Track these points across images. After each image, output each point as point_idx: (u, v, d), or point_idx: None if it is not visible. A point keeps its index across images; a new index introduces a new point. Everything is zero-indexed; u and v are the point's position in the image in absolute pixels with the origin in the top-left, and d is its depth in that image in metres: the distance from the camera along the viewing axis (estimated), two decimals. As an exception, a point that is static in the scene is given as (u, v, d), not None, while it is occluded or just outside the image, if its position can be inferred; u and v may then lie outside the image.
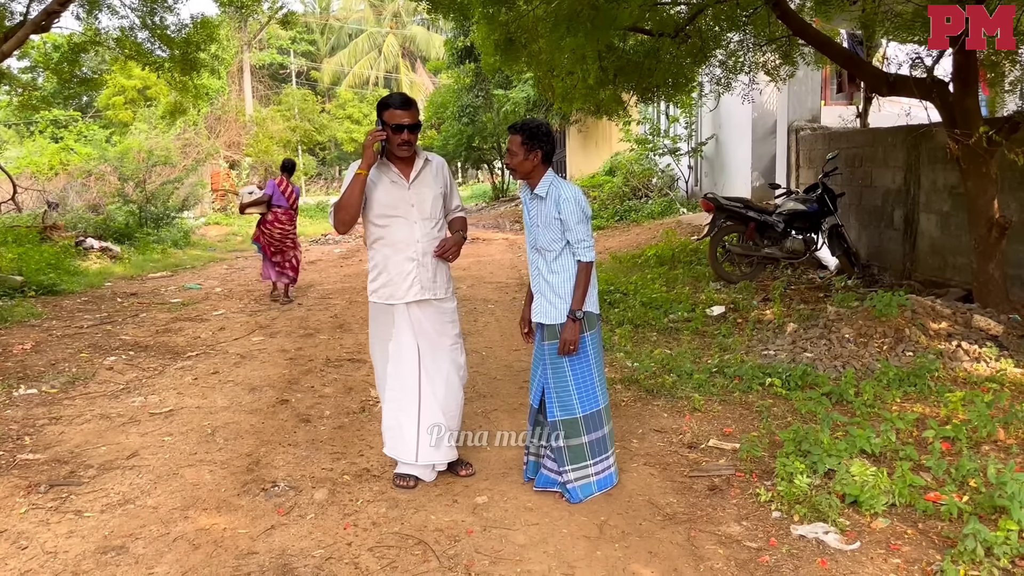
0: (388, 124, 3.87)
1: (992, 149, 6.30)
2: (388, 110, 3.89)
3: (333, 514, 3.87)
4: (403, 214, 3.96)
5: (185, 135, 23.03)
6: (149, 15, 10.76)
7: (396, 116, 3.88)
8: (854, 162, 9.91)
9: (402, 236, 3.97)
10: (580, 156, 24.79)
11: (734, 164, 15.15)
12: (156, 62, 11.48)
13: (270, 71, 40.83)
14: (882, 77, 7.54)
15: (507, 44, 8.59)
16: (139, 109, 24.42)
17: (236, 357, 7.12)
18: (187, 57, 11.26)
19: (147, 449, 4.81)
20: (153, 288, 11.28)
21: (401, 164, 4.00)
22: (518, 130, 3.85)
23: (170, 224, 17.10)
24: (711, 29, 8.41)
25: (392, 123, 3.87)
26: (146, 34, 11.03)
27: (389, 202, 3.95)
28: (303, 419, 5.35)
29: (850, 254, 9.16)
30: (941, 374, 5.50)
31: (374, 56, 43.72)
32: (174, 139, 21.78)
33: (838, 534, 3.44)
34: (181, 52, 11.15)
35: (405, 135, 3.88)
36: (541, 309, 3.91)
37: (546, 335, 3.90)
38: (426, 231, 4.01)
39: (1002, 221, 6.55)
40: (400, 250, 3.98)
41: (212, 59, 14.04)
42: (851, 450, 4.14)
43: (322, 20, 46.86)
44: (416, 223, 3.98)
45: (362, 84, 43.28)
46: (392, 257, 3.99)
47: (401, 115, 3.88)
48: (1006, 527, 3.20)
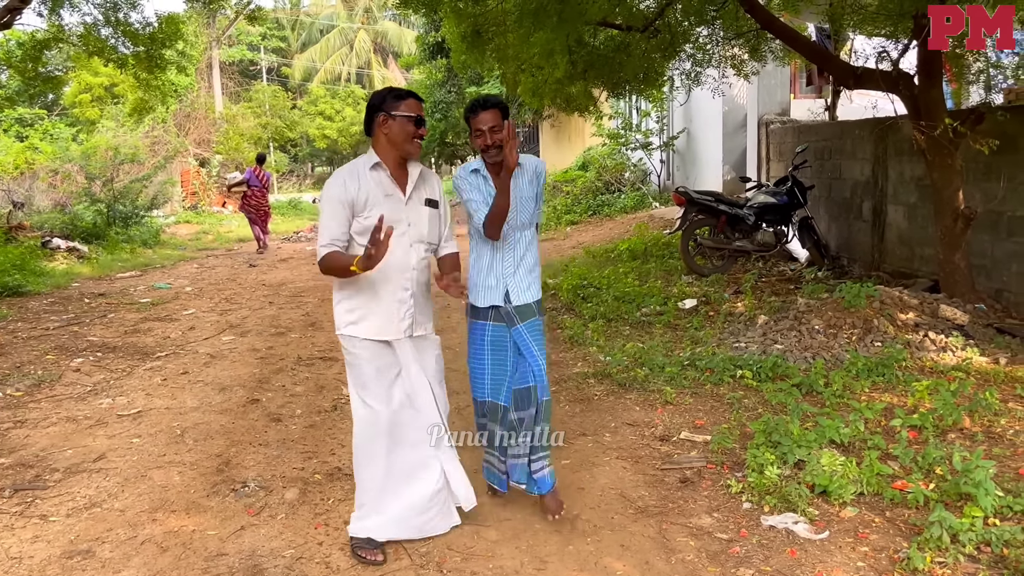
0: (404, 116, 3.22)
1: (957, 141, 6.38)
2: (407, 100, 3.24)
3: (304, 514, 3.84)
4: (398, 234, 3.24)
5: (153, 132, 22.73)
6: (113, 11, 10.58)
7: (415, 107, 3.26)
8: (823, 155, 10.00)
9: (397, 261, 3.25)
10: (553, 151, 24.80)
11: (705, 158, 15.23)
12: (121, 59, 11.31)
13: (240, 67, 40.44)
14: (849, 70, 7.61)
15: (474, 37, 8.56)
16: (106, 107, 24.06)
17: (206, 357, 7.04)
18: (152, 54, 11.10)
19: (115, 451, 4.74)
20: (122, 288, 11.12)
21: (397, 171, 3.32)
22: (494, 104, 3.49)
23: (139, 223, 16.85)
24: (680, 23, 8.44)
25: (413, 114, 3.24)
26: (110, 30, 10.86)
27: (388, 219, 3.12)
28: (274, 418, 5.30)
29: (820, 246, 9.24)
30: (908, 364, 5.57)
31: (346, 52, 43.46)
32: (142, 136, 21.49)
33: (807, 524, 3.47)
34: (146, 49, 10.99)
35: (423, 130, 3.29)
36: (522, 289, 3.63)
37: (522, 316, 3.63)
38: (421, 257, 3.38)
39: (967, 212, 6.64)
40: (391, 279, 3.28)
41: (179, 56, 13.86)
42: (820, 440, 4.18)
43: (293, 15, 46.48)
44: (413, 247, 3.32)
45: (334, 80, 43.00)
46: (382, 287, 3.28)
47: (420, 107, 3.28)
48: (971, 514, 3.24)
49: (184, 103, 26.35)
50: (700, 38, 9.00)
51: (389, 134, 3.24)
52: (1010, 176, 6.74)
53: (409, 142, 3.25)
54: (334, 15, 45.00)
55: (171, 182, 21.28)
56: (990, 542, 3.12)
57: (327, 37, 43.88)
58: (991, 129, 6.37)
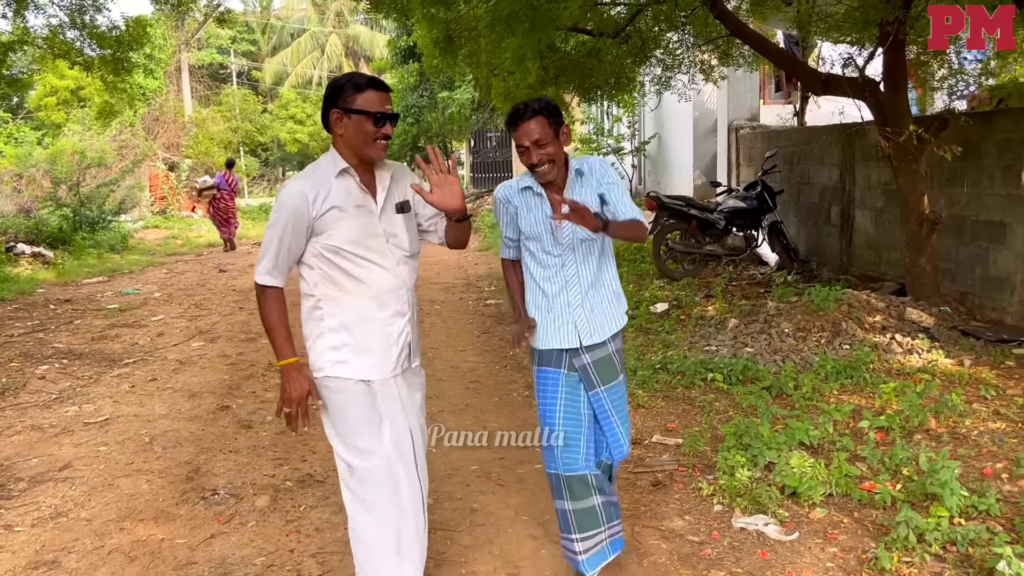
0: (361, 112, 2.61)
1: (922, 147, 6.49)
2: (364, 92, 2.62)
3: (275, 521, 3.81)
4: (380, 252, 2.72)
5: (121, 136, 22.43)
6: (79, 13, 10.44)
7: (376, 101, 2.63)
8: (792, 160, 10.12)
9: (387, 283, 2.73)
10: (525, 155, 24.84)
11: (676, 163, 15.33)
12: (86, 61, 11.15)
13: (210, 71, 40.03)
14: (816, 76, 7.71)
15: (446, 42, 8.57)
16: (72, 110, 23.70)
17: (175, 363, 6.96)
18: (119, 57, 10.97)
19: (81, 460, 4.67)
20: (88, 294, 10.96)
21: (365, 176, 2.73)
22: (537, 110, 2.84)
23: (106, 228, 16.61)
24: (651, 29, 8.51)
25: (372, 110, 2.62)
26: (76, 32, 10.71)
27: (361, 233, 2.68)
28: (244, 425, 5.25)
29: (789, 250, 9.35)
30: (876, 366, 5.64)
31: (317, 55, 43.20)
32: (110, 140, 21.19)
33: (778, 525, 3.51)
34: (113, 51, 10.85)
35: (388, 128, 2.68)
36: (600, 321, 3.02)
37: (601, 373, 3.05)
38: (410, 274, 2.84)
39: (932, 217, 6.75)
40: (388, 303, 2.74)
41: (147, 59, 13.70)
42: (790, 442, 4.22)
43: (263, 19, 46.13)
44: (399, 265, 2.77)
45: (305, 84, 42.72)
46: (374, 313, 2.72)
47: (384, 100, 2.66)
48: (937, 513, 3.29)
49: (153, 107, 26.04)
50: (670, 44, 9.08)
51: (345, 135, 2.65)
52: (973, 181, 6.87)
53: (369, 144, 2.65)
54: (305, 19, 44.71)
55: (139, 186, 21.01)
56: (956, 541, 3.17)
57: (298, 41, 43.59)
58: (955, 135, 6.49)
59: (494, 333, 7.81)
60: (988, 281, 6.76)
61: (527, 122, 2.83)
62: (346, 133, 2.64)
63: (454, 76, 16.18)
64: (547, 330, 3.02)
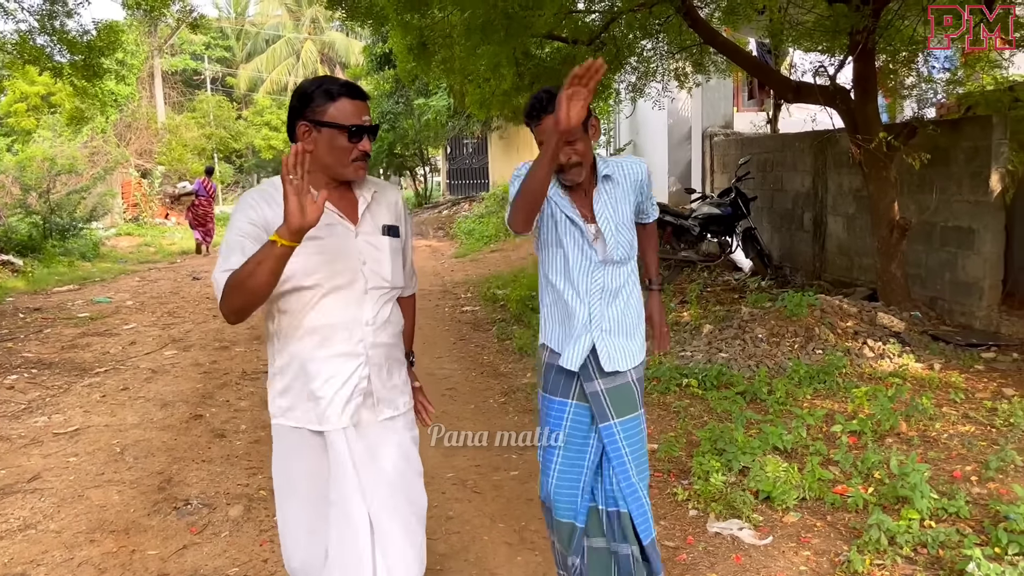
0: (334, 125, 2.17)
1: (891, 154, 6.59)
2: (337, 101, 2.17)
3: (249, 531, 3.77)
4: (347, 280, 2.24)
5: (93, 143, 22.17)
6: (49, 18, 10.32)
7: (352, 112, 2.19)
8: (765, 167, 10.22)
9: (341, 316, 2.24)
10: (502, 162, 24.86)
11: (651, 169, 15.36)
12: (57, 67, 11.03)
13: (183, 77, 39.72)
14: (788, 84, 7.81)
15: (421, 49, 8.58)
16: (43, 116, 23.41)
17: (148, 372, 6.88)
18: (90, 62, 10.85)
19: (50, 471, 4.60)
20: (59, 302, 10.80)
21: (341, 192, 2.29)
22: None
23: (77, 235, 16.40)
24: (625, 37, 8.57)
25: (346, 123, 2.17)
26: (47, 38, 10.59)
27: (323, 259, 2.20)
28: (218, 434, 5.20)
29: (763, 256, 9.43)
30: (848, 371, 5.71)
31: (292, 62, 43.00)
32: (81, 147, 20.95)
33: (752, 530, 3.53)
34: (84, 57, 10.73)
35: (367, 143, 2.23)
36: (617, 347, 2.62)
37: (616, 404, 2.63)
38: (378, 308, 2.31)
39: (902, 223, 6.84)
40: (334, 340, 2.24)
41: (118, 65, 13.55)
42: (764, 447, 4.25)
43: (237, 25, 45.86)
44: (367, 295, 2.27)
45: (280, 90, 42.46)
46: (318, 352, 2.24)
47: (360, 110, 2.21)
48: (908, 516, 3.34)
49: (125, 113, 25.77)
50: (645, 51, 9.15)
51: (316, 152, 2.17)
52: (942, 188, 6.98)
53: (344, 164, 2.21)
54: (280, 25, 44.53)
55: (111, 194, 20.76)
56: (926, 544, 3.20)
57: (273, 47, 43.38)
58: (924, 143, 6.60)
59: (470, 340, 7.80)
60: (957, 286, 6.87)
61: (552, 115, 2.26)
62: (316, 150, 2.18)
63: (429, 83, 16.17)
64: (561, 342, 2.65)
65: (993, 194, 6.48)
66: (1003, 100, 6.51)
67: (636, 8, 7.68)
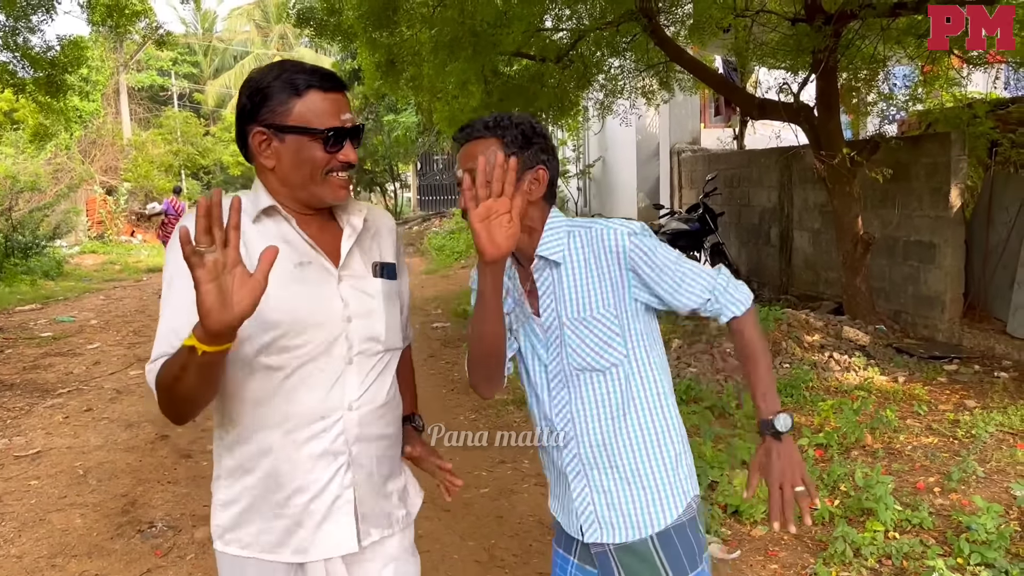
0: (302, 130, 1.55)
1: (855, 169, 6.70)
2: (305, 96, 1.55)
3: (214, 553, 3.71)
4: (322, 345, 1.58)
5: (56, 159, 21.87)
6: (11, 35, 10.20)
7: (326, 109, 1.57)
8: (732, 182, 10.34)
9: (312, 400, 1.59)
10: (472, 178, 24.94)
11: (620, 185, 15.55)
12: (19, 83, 10.88)
13: (150, 93, 39.39)
14: (753, 101, 7.92)
15: (389, 66, 8.59)
16: (4, 132, 23.06)
17: (112, 392, 6.77)
18: (54, 79, 10.72)
19: (11, 495, 4.51)
20: (21, 322, 10.61)
21: (318, 221, 1.66)
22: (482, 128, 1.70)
23: (40, 253, 16.14)
24: (593, 55, 8.65)
25: (320, 126, 1.55)
26: (9, 54, 10.45)
27: (289, 318, 1.55)
28: (184, 455, 5.13)
29: (731, 270, 9.51)
30: (815, 384, 5.77)
31: (260, 78, 42.84)
32: (44, 164, 20.65)
33: (720, 544, 3.55)
34: (47, 73, 10.60)
35: (349, 151, 1.60)
36: (620, 506, 1.75)
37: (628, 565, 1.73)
38: (368, 383, 1.65)
39: (866, 237, 6.96)
40: (301, 434, 1.58)
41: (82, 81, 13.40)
42: (732, 461, 4.28)
43: (205, 41, 45.62)
44: (351, 365, 1.62)
45: (248, 107, 42.32)
46: (279, 450, 1.58)
47: (339, 105, 1.59)
48: (872, 528, 3.38)
49: (90, 129, 25.47)
50: (612, 69, 9.24)
51: (278, 167, 1.58)
52: (904, 203, 7.11)
53: (318, 180, 1.58)
54: (248, 41, 44.38)
55: (75, 211, 20.50)
56: (891, 555, 3.24)
57: (241, 63, 43.14)
58: (886, 158, 6.73)
59: (440, 356, 7.77)
60: (920, 300, 6.99)
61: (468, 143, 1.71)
62: (279, 165, 1.58)
63: (397, 100, 16.18)
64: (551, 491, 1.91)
65: (953, 209, 6.62)
66: (962, 117, 6.67)
67: (603, 27, 7.77)
